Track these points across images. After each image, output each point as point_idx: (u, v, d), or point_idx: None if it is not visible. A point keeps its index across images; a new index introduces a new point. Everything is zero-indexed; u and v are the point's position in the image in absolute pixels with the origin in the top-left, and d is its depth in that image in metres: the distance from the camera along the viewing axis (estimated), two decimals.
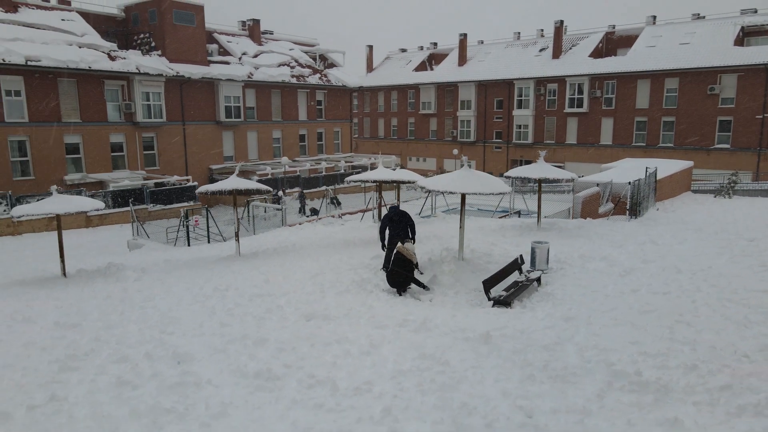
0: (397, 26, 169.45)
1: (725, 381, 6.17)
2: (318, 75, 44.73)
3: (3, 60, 25.98)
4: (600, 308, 8.58)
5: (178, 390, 5.88)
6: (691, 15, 47.71)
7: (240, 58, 39.37)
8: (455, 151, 44.92)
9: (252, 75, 38.57)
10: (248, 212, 25.15)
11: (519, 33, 58.62)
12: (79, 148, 30.09)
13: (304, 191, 33.51)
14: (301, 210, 30.67)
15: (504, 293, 9.06)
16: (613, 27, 51.51)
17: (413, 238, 11.02)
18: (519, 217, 21.69)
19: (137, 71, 31.11)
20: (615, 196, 19.91)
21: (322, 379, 6.11)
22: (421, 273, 10.32)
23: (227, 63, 38.16)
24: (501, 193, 10.68)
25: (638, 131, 46.00)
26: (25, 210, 12.57)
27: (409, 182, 15.57)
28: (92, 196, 25.92)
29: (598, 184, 19.25)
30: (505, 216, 20.50)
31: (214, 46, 39.72)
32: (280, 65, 41.91)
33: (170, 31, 34.03)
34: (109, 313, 8.96)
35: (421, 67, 64.58)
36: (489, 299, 8.88)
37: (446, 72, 59.24)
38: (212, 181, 36.74)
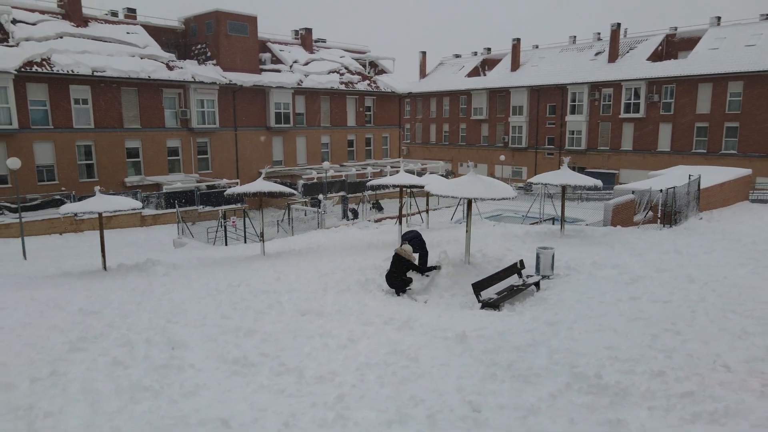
0: (454, 32, 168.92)
1: (689, 388, 6.16)
2: (367, 81, 45.55)
3: (72, 71, 28.22)
4: (589, 314, 8.59)
5: (161, 371, 6.49)
6: (759, 15, 45.15)
7: (291, 66, 40.74)
8: (502, 158, 44.55)
9: (302, 82, 39.83)
10: (288, 215, 26.07)
11: (575, 37, 57.38)
12: (139, 152, 32.15)
13: (349, 195, 34.30)
14: (345, 214, 31.42)
15: (495, 296, 9.21)
16: (675, 29, 49.54)
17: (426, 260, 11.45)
18: (553, 224, 21.43)
19: (193, 80, 32.91)
20: (654, 205, 19.33)
21: (292, 367, 6.56)
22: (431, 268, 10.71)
23: (278, 71, 39.59)
24: (504, 198, 10.79)
25: (699, 137, 43.96)
26: (70, 208, 13.78)
27: (418, 187, 15.80)
28: (147, 198, 27.71)
29: (633, 192, 18.75)
30: (536, 223, 20.32)
31: (267, 55, 41.33)
32: (329, 72, 43.02)
33: (224, 41, 35.77)
34: (128, 303, 9.78)
35: (474, 72, 64.32)
36: (479, 301, 9.06)
37: (498, 77, 58.74)
38: None
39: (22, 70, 26.69)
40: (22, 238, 19.13)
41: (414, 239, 11.55)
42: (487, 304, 8.95)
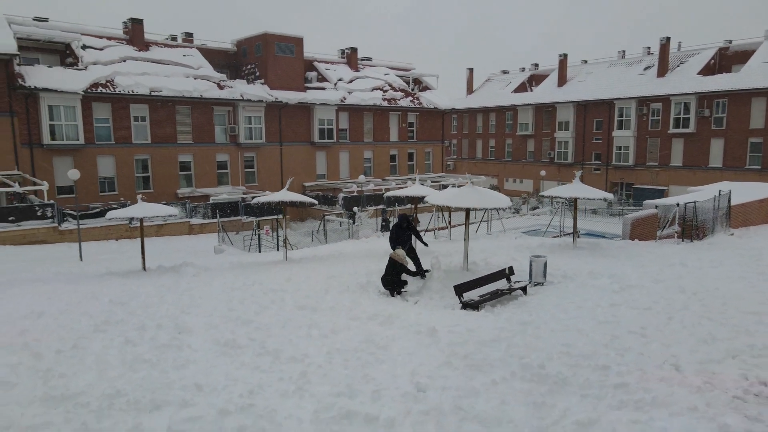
0: (504, 48, 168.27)
1: (625, 381, 6.67)
2: (410, 98, 46.65)
3: (132, 91, 30.76)
4: (562, 317, 9.10)
5: (162, 349, 7.57)
6: None
7: (335, 84, 42.41)
8: (543, 173, 44.40)
9: (345, 99, 41.36)
10: (324, 226, 27.28)
11: (624, 51, 56.56)
12: (191, 165, 34.41)
13: (388, 209, 35.25)
14: (383, 226, 32.40)
15: (477, 298, 9.85)
16: (729, 42, 48.08)
17: (423, 241, 12.25)
18: (579, 236, 21.55)
19: (241, 98, 35.00)
20: (680, 219, 19.22)
21: (271, 350, 7.50)
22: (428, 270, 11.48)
23: (323, 88, 41.32)
24: (497, 208, 11.40)
25: (753, 153, 42.36)
26: (115, 214, 15.36)
27: (421, 197, 16.52)
28: (194, 208, 29.66)
29: (657, 207, 18.74)
30: (557, 236, 20.56)
31: (313, 74, 43.24)
32: (373, 89, 44.43)
33: (272, 61, 37.82)
34: (153, 296, 11.04)
35: (521, 88, 64.33)
36: (460, 302, 9.72)
37: (544, 93, 58.57)
38: (306, 196, 39.78)
39: (89, 91, 29.36)
40: (79, 242, 21.15)
41: (408, 225, 12.47)
42: (467, 305, 9.61)
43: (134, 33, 34.79)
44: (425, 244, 14.85)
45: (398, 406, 5.94)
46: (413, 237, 12.76)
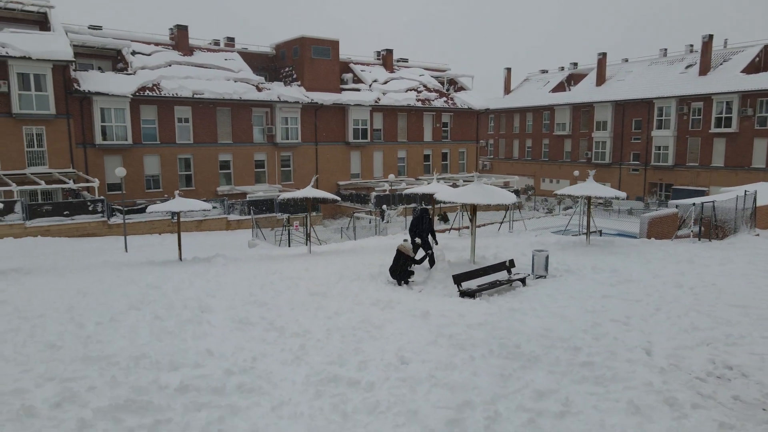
0: (546, 49, 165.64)
1: (592, 360, 7.30)
2: (444, 98, 47.20)
3: (176, 94, 32.57)
4: (551, 306, 9.72)
5: (185, 324, 8.64)
6: None
7: (370, 85, 43.41)
8: (576, 173, 44.07)
9: (379, 100, 42.31)
10: (353, 223, 28.28)
11: (665, 50, 55.40)
12: (230, 164, 36.07)
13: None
14: None
15: (475, 287, 10.56)
16: None
17: (434, 236, 13.00)
18: (600, 235, 21.83)
19: (278, 100, 36.43)
20: (705, 219, 19.25)
21: (278, 327, 8.45)
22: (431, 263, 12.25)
23: (358, 90, 42.38)
24: (500, 203, 12.03)
25: None
26: (154, 208, 16.72)
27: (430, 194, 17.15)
28: (232, 205, 31.17)
29: (677, 206, 18.85)
30: (576, 234, 20.87)
31: (349, 75, 44.37)
32: (407, 90, 45.21)
33: (308, 64, 39.12)
34: (184, 281, 12.20)
35: (559, 87, 63.81)
36: (458, 291, 10.45)
37: (582, 92, 57.97)
38: (341, 196, 40.97)
39: (137, 94, 31.30)
40: (124, 235, 22.81)
41: (424, 217, 13.24)
42: (464, 293, 10.33)
43: (179, 39, 36.71)
44: (435, 243, 15.50)
45: (380, 373, 6.78)
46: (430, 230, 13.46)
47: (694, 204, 17.16)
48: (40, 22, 31.14)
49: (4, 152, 27.95)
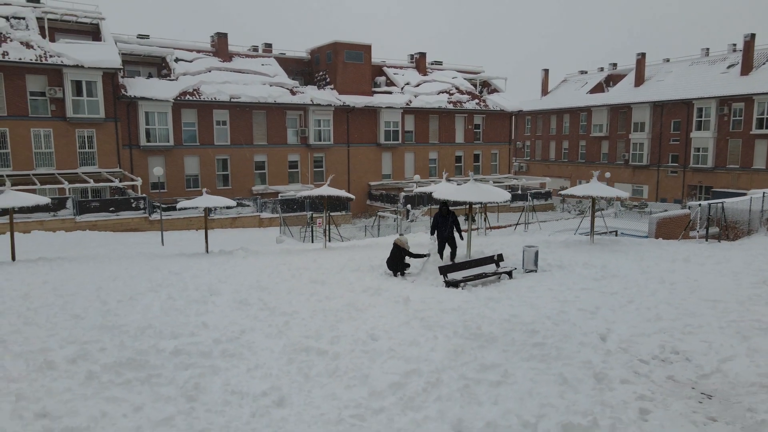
0: (589, 49, 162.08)
1: (545, 342, 8.03)
2: (476, 100, 47.66)
3: (215, 98, 34.44)
4: (526, 295, 10.42)
5: (192, 303, 9.82)
6: None
7: (402, 88, 44.36)
8: (608, 174, 43.71)
9: (410, 102, 43.21)
10: (378, 221, 29.30)
11: (707, 49, 54.03)
12: (265, 165, 37.73)
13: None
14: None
15: (460, 279, 11.35)
16: None
17: (459, 232, 13.68)
18: (616, 235, 22.07)
19: (311, 103, 37.87)
20: (718, 220, 19.32)
21: (271, 307, 9.52)
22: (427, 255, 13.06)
23: (389, 92, 43.40)
24: (492, 202, 12.76)
25: None
26: (184, 204, 18.18)
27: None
28: (264, 203, 32.72)
29: (689, 206, 18.98)
30: (585, 234, 21.18)
31: (382, 78, 45.49)
32: (439, 93, 45.93)
33: (341, 68, 40.43)
34: (203, 269, 13.48)
35: (597, 88, 63.05)
36: (444, 281, 11.28)
37: (620, 93, 57.19)
38: (371, 195, 42.14)
39: (178, 98, 33.31)
40: (161, 230, 24.56)
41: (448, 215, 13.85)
42: (450, 284, 11.15)
43: (219, 46, 38.67)
44: (461, 238, 16.03)
45: (348, 347, 7.73)
46: (454, 226, 13.93)
47: (699, 204, 17.33)
48: (93, 32, 33.55)
49: (59, 153, 30.35)
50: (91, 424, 5.51)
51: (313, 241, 24.33)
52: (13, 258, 16.01)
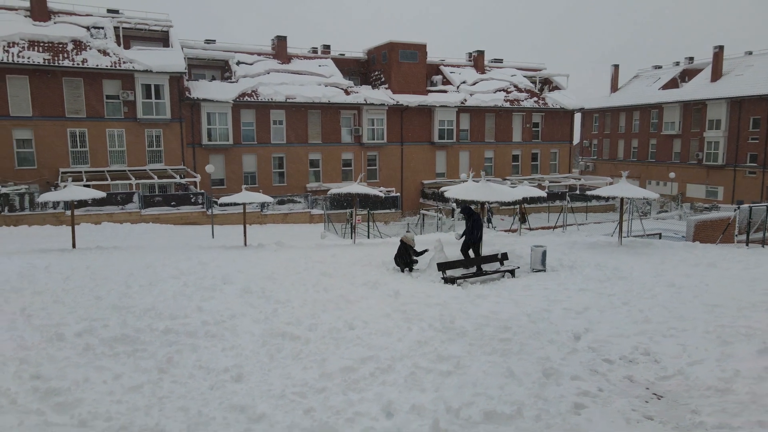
0: (665, 42, 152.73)
1: (512, 338, 8.26)
2: (535, 98, 46.75)
3: (271, 99, 36.05)
4: (519, 294, 10.56)
5: (202, 290, 10.73)
6: None
7: (458, 87, 44.32)
8: (672, 175, 41.49)
9: (465, 101, 43.11)
10: (422, 219, 29.67)
11: None
12: (319, 163, 39.02)
13: (502, 207, 36.40)
14: (488, 223, 33.85)
15: (458, 275, 11.62)
16: None
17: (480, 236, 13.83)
18: (660, 238, 21.27)
19: (365, 102, 38.73)
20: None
21: (269, 296, 10.27)
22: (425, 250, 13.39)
23: (444, 91, 43.51)
24: (501, 201, 12.88)
25: None
26: (224, 200, 19.43)
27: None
28: (315, 200, 33.91)
29: (736, 209, 18.01)
30: (626, 237, 20.54)
31: (438, 77, 45.67)
32: (496, 91, 45.48)
33: (396, 67, 41.02)
34: (229, 261, 14.49)
35: (670, 84, 59.89)
36: (442, 277, 11.59)
37: (694, 89, 54.07)
38: (424, 194, 42.49)
39: (237, 99, 35.17)
40: (212, 224, 26.20)
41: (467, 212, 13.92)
42: (447, 280, 11.45)
43: (279, 48, 40.35)
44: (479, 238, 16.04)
45: (320, 334, 8.32)
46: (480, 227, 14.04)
47: (738, 207, 16.45)
48: (163, 39, 36.06)
49: (130, 151, 32.95)
50: (72, 387, 6.42)
51: (352, 237, 25.05)
52: (74, 246, 17.81)
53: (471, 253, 13.37)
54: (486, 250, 14.91)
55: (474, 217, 13.71)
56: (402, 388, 6.64)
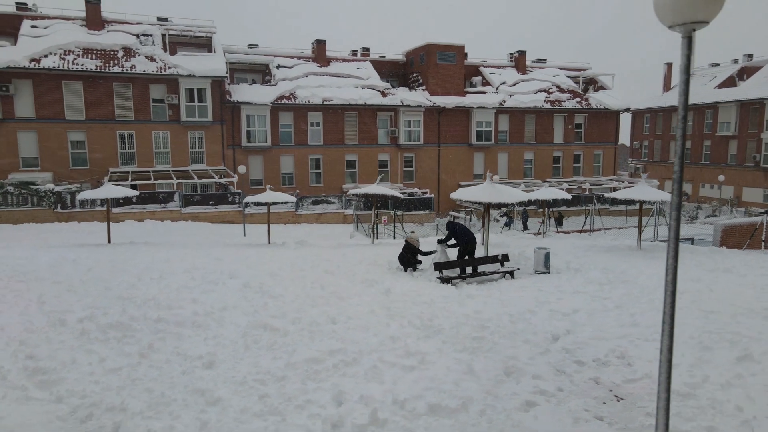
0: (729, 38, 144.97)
1: (485, 337, 8.36)
2: (577, 99, 45.71)
3: (309, 101, 36.89)
4: (510, 295, 10.59)
5: (206, 284, 11.31)
6: None
7: (497, 88, 43.91)
8: (721, 177, 39.54)
9: (504, 102, 42.66)
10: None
11: None
12: (355, 164, 39.58)
13: (539, 209, 35.87)
14: (524, 227, 33.48)
15: (454, 275, 11.72)
16: None
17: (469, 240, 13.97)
18: (692, 243, 20.52)
19: (401, 104, 39.01)
20: None
21: (265, 291, 10.71)
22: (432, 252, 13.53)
23: (483, 92, 43.20)
24: (506, 203, 12.86)
25: None
26: (249, 199, 20.16)
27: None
28: (349, 201, 34.46)
29: (765, 213, 17.19)
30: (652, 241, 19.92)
31: (478, 78, 45.40)
32: (537, 92, 44.76)
33: (433, 69, 41.10)
34: (244, 257, 15.11)
35: (727, 82, 57.10)
36: (438, 277, 11.72)
37: (753, 87, 51.40)
38: None
39: (275, 102, 36.20)
40: (243, 223, 27.12)
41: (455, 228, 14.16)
42: (443, 280, 11.58)
43: (318, 51, 41.22)
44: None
45: (301, 326, 8.66)
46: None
47: (765, 212, 15.70)
48: (207, 44, 37.56)
49: (174, 152, 34.52)
50: (59, 367, 7.01)
51: (378, 237, 25.39)
52: (109, 241, 18.95)
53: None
54: (497, 251, 14.90)
55: (456, 228, 13.75)
56: (361, 380, 6.88)
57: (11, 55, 30.54)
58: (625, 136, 70.55)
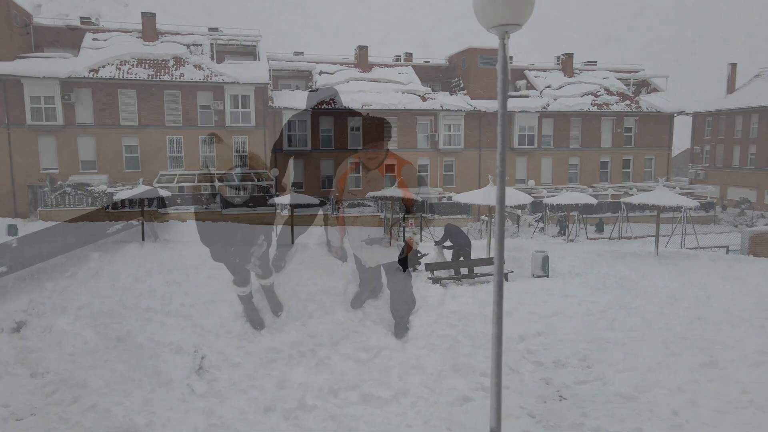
0: None
1: (448, 334, 8.49)
2: (627, 102, 44.21)
3: (347, 106, 37.60)
4: (492, 297, 10.52)
5: (206, 278, 11.92)
6: None
7: (541, 92, 43.13)
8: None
9: (548, 106, 41.85)
10: (484, 224, 29.44)
11: None
12: (394, 168, 39.84)
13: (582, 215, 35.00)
14: (561, 231, 32.76)
15: (445, 276, 11.80)
16: None
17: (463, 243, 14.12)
18: (727, 252, 19.55)
19: (441, 108, 39.08)
20: None
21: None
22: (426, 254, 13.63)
23: (526, 96, 42.54)
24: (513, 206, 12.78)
25: None
26: (275, 200, 20.87)
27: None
28: (384, 204, 34.82)
29: None
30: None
31: (522, 82, 44.77)
32: (584, 95, 43.61)
33: (474, 73, 40.91)
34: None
35: None
36: (428, 277, 11.82)
37: None
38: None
39: (316, 107, 37.14)
40: (274, 224, 27.98)
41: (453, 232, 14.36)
42: (434, 280, 11.69)
43: (360, 57, 41.92)
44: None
45: (276, 319, 9.06)
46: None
47: None
48: (252, 53, 39.03)
49: (219, 156, 35.96)
50: (44, 348, 7.76)
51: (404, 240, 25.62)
52: (143, 239, 20.10)
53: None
54: (510, 254, 14.81)
55: (452, 231, 14.03)
56: (311, 369, 7.21)
57: (73, 66, 32.91)
58: (684, 141, 67.29)
